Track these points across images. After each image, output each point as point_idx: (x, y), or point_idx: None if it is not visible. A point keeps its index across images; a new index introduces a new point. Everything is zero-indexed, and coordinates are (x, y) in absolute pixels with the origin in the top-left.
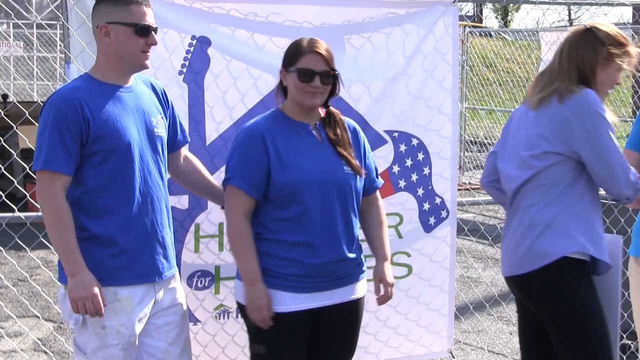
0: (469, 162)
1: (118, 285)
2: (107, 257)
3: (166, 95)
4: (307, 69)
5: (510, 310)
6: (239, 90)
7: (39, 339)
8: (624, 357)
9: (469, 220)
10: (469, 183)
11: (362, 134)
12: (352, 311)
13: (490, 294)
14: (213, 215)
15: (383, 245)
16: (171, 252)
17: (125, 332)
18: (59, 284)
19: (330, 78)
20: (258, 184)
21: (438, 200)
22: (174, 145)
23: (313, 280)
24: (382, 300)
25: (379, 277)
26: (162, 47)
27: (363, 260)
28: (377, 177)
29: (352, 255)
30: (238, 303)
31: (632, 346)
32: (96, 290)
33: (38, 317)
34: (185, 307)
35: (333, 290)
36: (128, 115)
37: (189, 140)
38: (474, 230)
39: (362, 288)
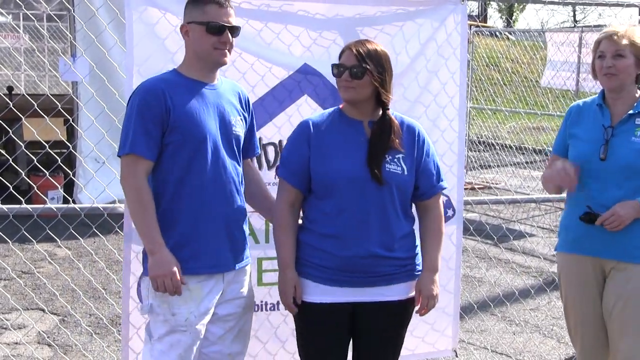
0: (474, 161)
1: (188, 275)
2: (178, 246)
3: (249, 104)
4: (339, 64)
5: (515, 310)
6: (247, 82)
7: (43, 332)
8: None
9: (474, 219)
10: (474, 183)
11: (425, 137)
12: (392, 312)
13: (494, 293)
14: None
15: (431, 255)
16: (241, 247)
17: (193, 321)
18: (134, 271)
19: (361, 73)
20: (301, 175)
21: (444, 199)
22: (245, 152)
23: (345, 274)
24: (419, 312)
25: (419, 288)
26: (176, 37)
27: (414, 262)
28: (439, 182)
29: (389, 254)
30: None
31: None
32: (175, 268)
33: (42, 309)
34: (251, 301)
35: (371, 288)
36: (208, 109)
37: (259, 152)
38: (478, 230)
39: (408, 290)
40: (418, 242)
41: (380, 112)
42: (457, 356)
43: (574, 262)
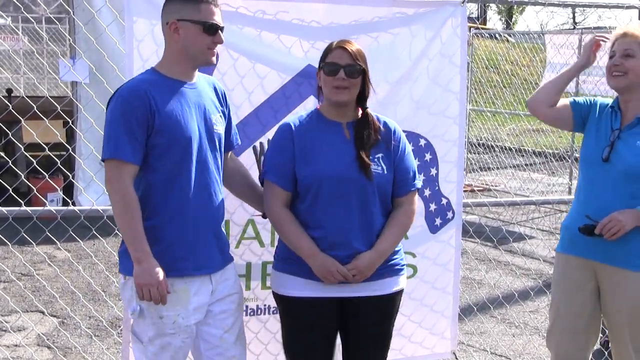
0: (474, 163)
1: (174, 277)
2: (163, 248)
3: (225, 97)
4: (333, 62)
5: (514, 312)
6: (245, 88)
7: (42, 334)
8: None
9: (473, 222)
10: (474, 185)
11: (401, 135)
12: (378, 306)
13: (494, 295)
14: (237, 216)
15: (384, 238)
16: (226, 246)
17: (181, 322)
18: (120, 274)
19: (357, 72)
20: (289, 177)
21: (444, 201)
22: (226, 146)
23: None
24: (341, 271)
25: (355, 261)
26: None
27: (397, 258)
28: (415, 180)
29: None
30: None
31: None
32: (161, 277)
33: (42, 312)
34: (241, 296)
35: (356, 284)
36: (190, 110)
37: (239, 142)
38: (478, 232)
39: (392, 285)
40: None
41: (360, 112)
42: (456, 358)
43: (568, 262)
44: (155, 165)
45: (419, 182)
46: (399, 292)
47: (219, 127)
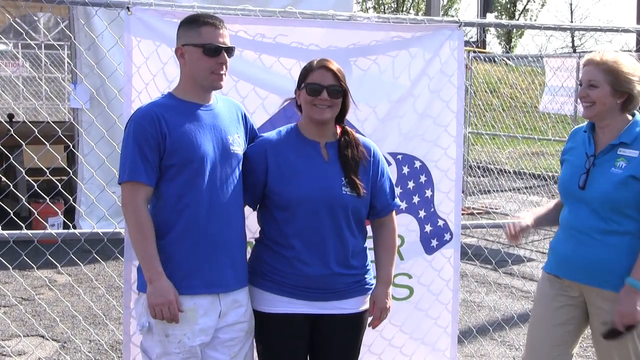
0: (473, 186)
1: (183, 295)
2: (175, 265)
3: (246, 119)
4: (315, 83)
5: (514, 335)
6: (247, 109)
7: (43, 358)
8: None
9: (472, 244)
10: (472, 207)
11: (379, 156)
12: (348, 324)
13: (494, 318)
14: None
15: (385, 268)
16: (241, 268)
17: (186, 342)
18: (135, 290)
19: (339, 93)
20: (251, 191)
21: (441, 223)
22: None
23: (303, 290)
24: (373, 322)
25: (373, 300)
26: (174, 65)
27: (365, 277)
28: (394, 199)
29: (346, 271)
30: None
31: None
32: (173, 297)
33: (43, 336)
34: (251, 324)
35: (327, 302)
36: (204, 131)
37: None
38: (477, 255)
39: (361, 303)
40: (370, 256)
41: (338, 131)
42: None
43: (553, 283)
44: (169, 184)
45: (398, 200)
46: (366, 311)
47: (237, 148)
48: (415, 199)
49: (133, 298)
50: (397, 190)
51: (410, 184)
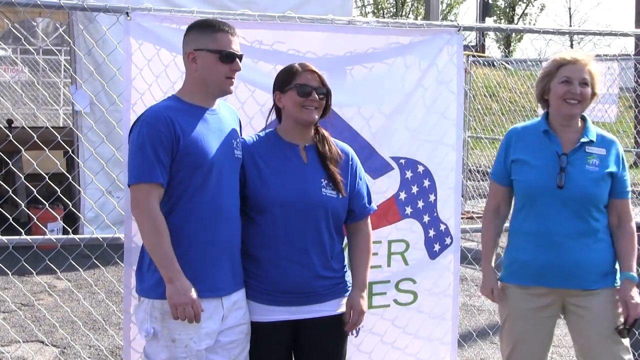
0: (473, 189)
1: None
2: (182, 270)
3: (240, 123)
4: (306, 84)
5: None
6: (246, 114)
7: None
8: None
9: (472, 248)
10: (472, 211)
11: (357, 160)
12: (329, 326)
13: (493, 321)
14: None
15: (361, 273)
16: (239, 269)
17: (193, 347)
18: (135, 295)
19: (325, 95)
20: None
21: (443, 227)
22: None
23: (284, 295)
24: (349, 327)
25: (350, 304)
26: (175, 69)
27: (344, 279)
28: (370, 204)
29: (325, 274)
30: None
31: None
32: (194, 295)
33: (42, 341)
34: (249, 326)
35: (308, 306)
36: (213, 136)
37: None
38: (477, 259)
39: (339, 306)
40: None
41: (312, 133)
42: None
43: (525, 296)
44: (176, 188)
45: (374, 204)
46: (344, 313)
47: (239, 152)
48: (420, 204)
49: (133, 303)
50: (402, 195)
51: (414, 189)
